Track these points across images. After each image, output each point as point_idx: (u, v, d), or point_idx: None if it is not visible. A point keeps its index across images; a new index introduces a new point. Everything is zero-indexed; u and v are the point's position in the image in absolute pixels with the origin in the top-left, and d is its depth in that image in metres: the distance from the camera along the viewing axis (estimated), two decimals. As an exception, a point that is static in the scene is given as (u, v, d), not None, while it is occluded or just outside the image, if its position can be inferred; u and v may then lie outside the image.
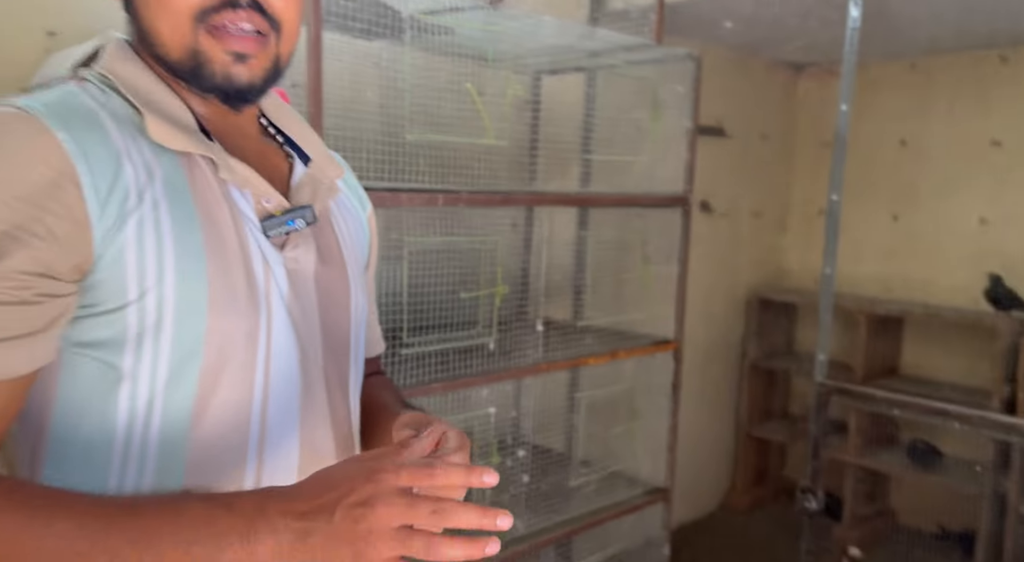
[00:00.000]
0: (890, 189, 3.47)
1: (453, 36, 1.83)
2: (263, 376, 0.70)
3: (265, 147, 0.80)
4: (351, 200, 0.89)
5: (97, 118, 0.66)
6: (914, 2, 2.30)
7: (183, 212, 0.67)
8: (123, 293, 0.64)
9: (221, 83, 0.70)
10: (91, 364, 0.65)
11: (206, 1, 0.68)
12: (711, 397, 3.61)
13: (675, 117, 2.27)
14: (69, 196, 0.61)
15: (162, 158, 0.68)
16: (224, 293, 0.68)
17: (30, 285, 0.60)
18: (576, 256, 2.50)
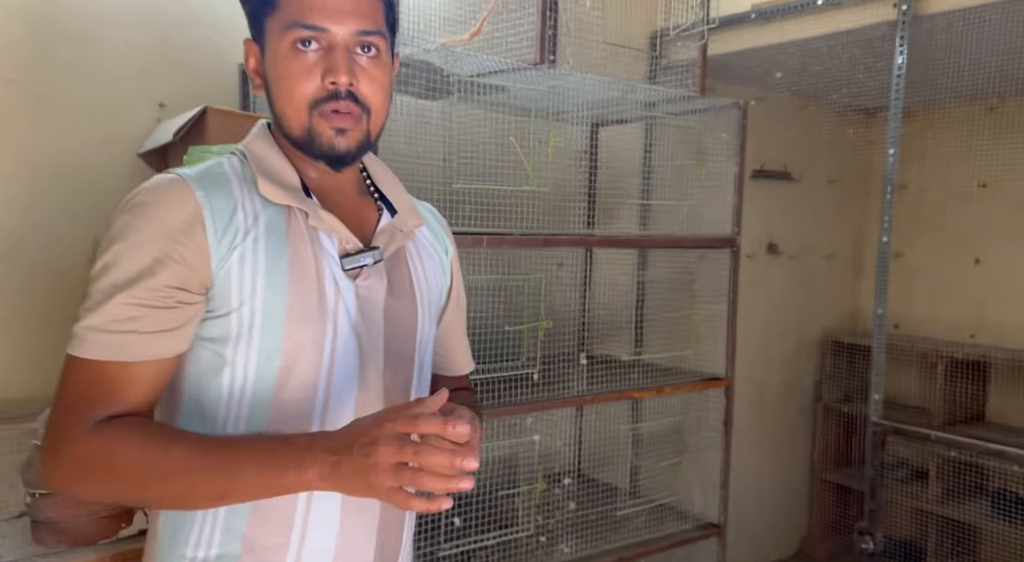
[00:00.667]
0: (971, 232, 3.39)
1: (507, 93, 2.03)
2: (327, 373, 0.93)
3: (361, 201, 1.04)
4: (434, 246, 1.10)
5: (228, 181, 0.93)
6: (957, 49, 2.33)
7: (276, 247, 0.92)
8: (228, 303, 0.89)
9: (327, 151, 0.94)
10: (207, 352, 0.91)
11: (317, 94, 0.92)
12: (785, 439, 3.58)
13: (723, 163, 2.37)
14: (197, 235, 0.88)
15: (268, 208, 0.93)
16: (298, 307, 0.91)
17: (172, 296, 0.87)
18: (629, 294, 2.62)
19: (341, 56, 0.91)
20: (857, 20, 2.35)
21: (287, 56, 0.91)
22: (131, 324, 0.86)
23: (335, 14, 0.91)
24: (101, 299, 0.86)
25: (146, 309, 0.86)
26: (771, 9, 2.52)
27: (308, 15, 0.90)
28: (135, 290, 0.85)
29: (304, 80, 0.91)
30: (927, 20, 2.25)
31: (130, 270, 0.86)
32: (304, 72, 0.91)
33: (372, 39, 0.93)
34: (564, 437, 2.37)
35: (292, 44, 0.91)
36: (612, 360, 2.48)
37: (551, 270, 2.36)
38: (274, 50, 0.93)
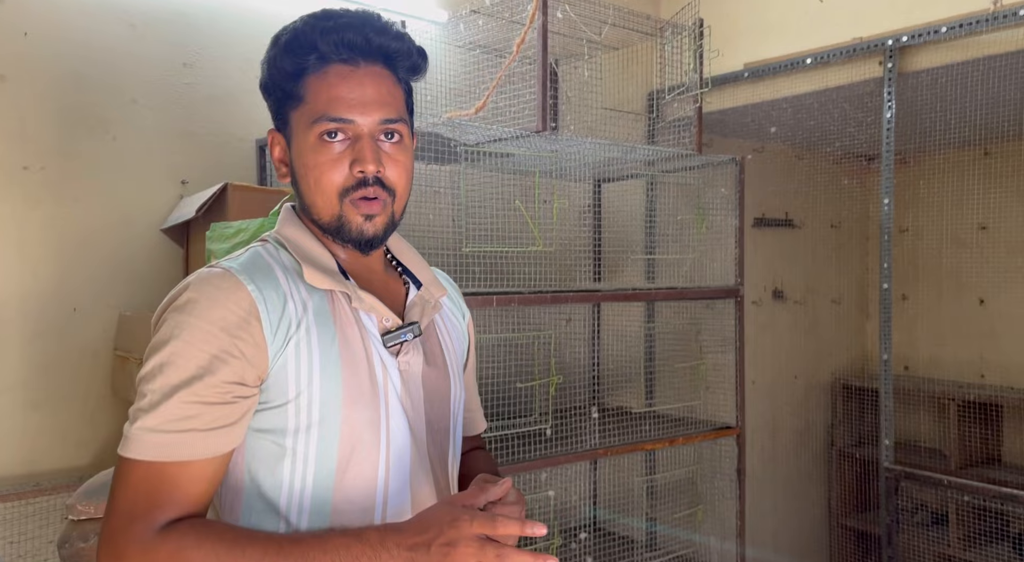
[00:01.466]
0: (973, 274, 3.44)
1: (512, 159, 2.13)
2: (385, 454, 0.95)
3: (388, 277, 1.06)
4: (454, 312, 1.14)
5: (272, 271, 0.95)
6: (944, 101, 2.42)
7: (326, 333, 0.93)
8: (285, 393, 0.90)
9: (356, 237, 0.97)
10: (266, 443, 0.92)
11: (346, 183, 0.95)
12: (800, 485, 3.57)
13: (723, 215, 2.44)
14: (254, 328, 0.89)
15: (314, 294, 0.95)
16: (354, 392, 0.93)
17: (230, 390, 0.87)
18: (637, 346, 2.67)
19: (368, 145, 0.94)
20: (845, 77, 2.45)
21: (315, 148, 0.95)
22: (190, 422, 0.86)
23: (360, 106, 0.94)
24: (158, 399, 0.86)
25: (205, 406, 0.86)
26: (763, 68, 2.63)
27: (336, 108, 0.94)
28: (195, 388, 0.86)
29: (333, 170, 0.95)
30: (912, 77, 2.35)
31: (188, 368, 0.86)
32: (332, 162, 0.94)
33: (395, 126, 0.97)
34: (579, 491, 2.39)
35: (320, 136, 0.94)
36: (624, 412, 2.51)
37: (560, 326, 2.42)
38: (302, 141, 0.96)
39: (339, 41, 0.94)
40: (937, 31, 2.21)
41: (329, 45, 0.94)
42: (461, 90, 2.28)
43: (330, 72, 0.95)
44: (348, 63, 0.95)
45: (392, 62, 0.98)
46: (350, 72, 0.95)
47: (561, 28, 2.09)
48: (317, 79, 0.95)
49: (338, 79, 0.94)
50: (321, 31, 0.94)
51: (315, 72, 0.95)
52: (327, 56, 0.94)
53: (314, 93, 0.95)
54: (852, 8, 2.42)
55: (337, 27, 0.94)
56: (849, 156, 3.49)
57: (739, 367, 2.45)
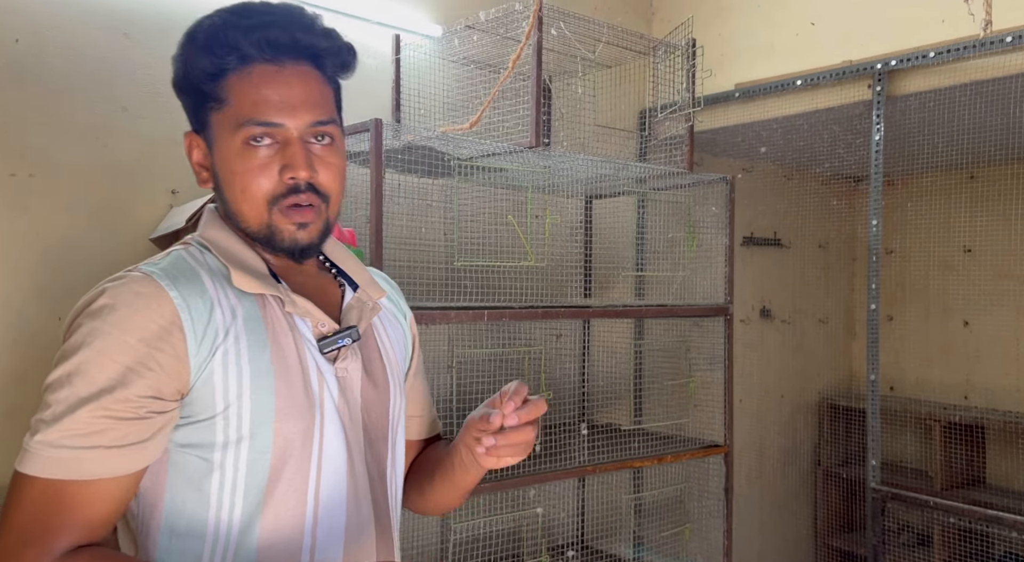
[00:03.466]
0: (958, 296, 3.47)
1: (505, 173, 2.13)
2: (317, 465, 0.90)
3: (322, 280, 1.02)
4: (394, 314, 1.10)
5: (198, 275, 0.89)
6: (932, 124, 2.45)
7: (257, 340, 0.88)
8: (212, 406, 0.85)
9: (289, 246, 0.92)
10: (191, 458, 0.86)
11: (276, 190, 0.90)
12: (786, 504, 3.56)
13: (713, 234, 2.46)
14: (175, 339, 0.83)
15: (243, 300, 0.89)
16: (287, 402, 0.88)
17: (144, 405, 0.81)
18: (627, 363, 2.67)
19: (298, 150, 0.89)
20: (835, 99, 2.48)
21: (241, 153, 0.89)
22: (96, 438, 0.79)
23: (289, 108, 0.89)
24: (62, 411, 0.79)
25: (114, 421, 0.80)
26: (754, 88, 2.65)
27: (262, 112, 0.88)
28: (104, 401, 0.79)
29: (261, 177, 0.89)
30: (900, 100, 2.38)
31: (98, 380, 0.80)
32: (260, 168, 0.89)
33: (327, 128, 0.92)
34: (567, 508, 2.38)
35: (245, 141, 0.88)
36: (613, 429, 2.51)
37: (550, 341, 2.42)
38: (225, 146, 0.90)
39: (263, 40, 0.88)
40: (926, 56, 2.24)
41: (252, 45, 0.87)
42: (455, 104, 2.29)
43: (254, 72, 0.88)
44: (273, 63, 0.89)
45: (320, 60, 0.93)
46: (275, 72, 0.89)
47: (555, 45, 2.11)
48: (240, 80, 0.88)
49: (263, 80, 0.88)
50: (244, 30, 0.87)
51: (237, 72, 0.88)
52: (250, 56, 0.88)
53: (237, 95, 0.88)
54: (842, 31, 2.46)
55: (261, 25, 0.88)
56: (838, 177, 3.52)
57: (727, 385, 2.45)
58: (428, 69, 2.29)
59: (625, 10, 2.91)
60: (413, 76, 2.26)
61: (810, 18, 2.53)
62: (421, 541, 2.09)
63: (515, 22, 1.99)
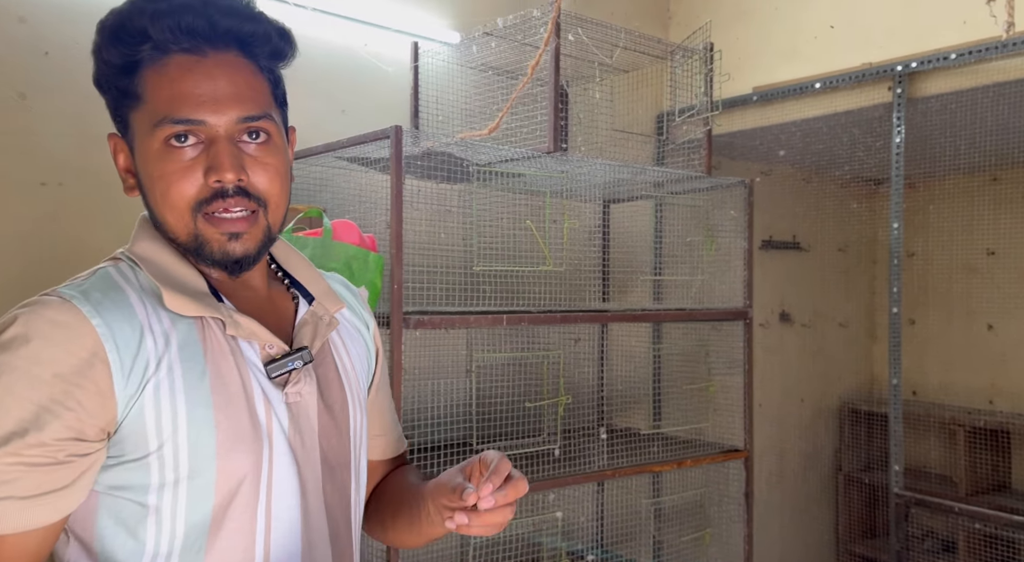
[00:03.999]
0: (982, 299, 3.43)
1: (523, 178, 2.14)
2: (265, 503, 0.81)
3: (273, 292, 0.91)
4: (355, 325, 0.99)
5: (126, 298, 0.78)
6: (953, 126, 2.43)
7: (194, 369, 0.78)
8: (144, 445, 0.75)
9: (220, 258, 0.82)
10: (123, 502, 0.77)
11: (200, 195, 0.79)
12: (807, 510, 3.54)
13: (732, 237, 2.45)
14: (97, 373, 0.73)
15: (179, 324, 0.79)
16: (230, 436, 0.78)
17: (63, 448, 0.72)
18: (645, 367, 2.66)
19: (224, 149, 0.79)
20: (854, 102, 2.46)
21: (160, 155, 0.79)
22: (6, 488, 0.70)
23: (211, 103, 0.79)
24: None
25: (26, 469, 0.71)
26: (772, 91, 2.65)
27: (179, 108, 0.78)
28: (13, 446, 0.70)
29: (183, 180, 0.79)
30: (922, 102, 2.36)
31: (6, 423, 0.70)
32: (182, 171, 0.79)
33: (259, 124, 0.82)
34: (586, 513, 2.38)
35: (164, 141, 0.79)
36: (632, 433, 2.50)
37: (569, 346, 2.42)
38: (144, 148, 0.80)
39: (176, 26, 0.77)
40: (947, 57, 2.22)
41: (164, 31, 0.77)
42: (473, 111, 2.30)
43: (170, 64, 0.79)
44: (192, 53, 0.79)
45: (249, 48, 0.82)
46: (195, 63, 0.79)
47: (573, 51, 2.12)
48: (155, 73, 0.79)
49: (181, 72, 0.79)
50: (152, 15, 0.77)
51: (152, 65, 0.79)
52: (164, 45, 0.78)
53: (153, 90, 0.79)
54: (862, 33, 2.45)
55: (172, 9, 0.77)
56: (857, 180, 3.50)
57: (747, 389, 2.44)
58: (446, 76, 2.31)
59: (642, 15, 2.92)
60: (431, 83, 2.28)
61: (829, 21, 2.52)
62: (440, 544, 2.10)
63: (533, 28, 2.00)
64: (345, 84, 2.18)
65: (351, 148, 1.85)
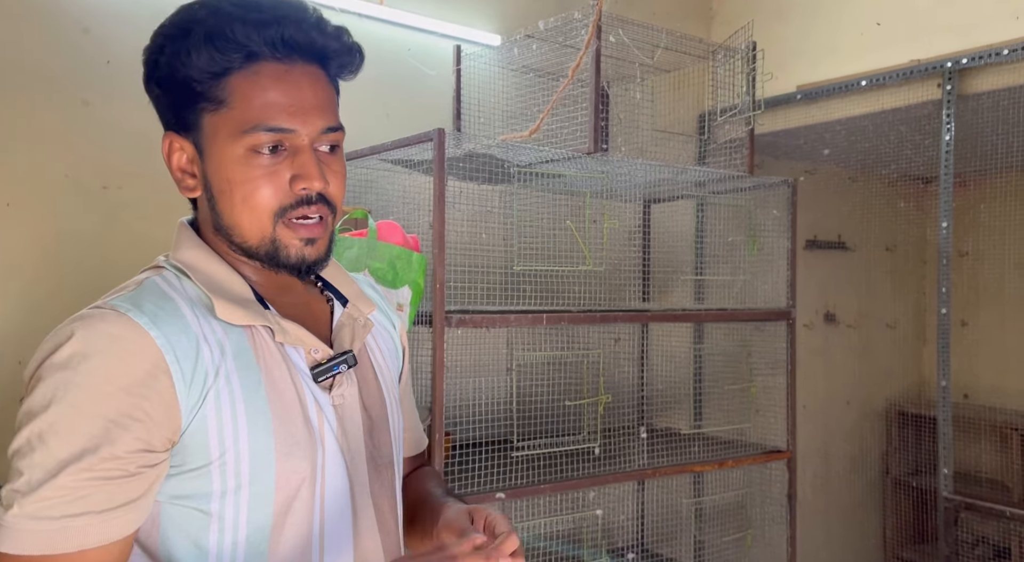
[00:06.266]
0: (1039, 299, 3.33)
1: (563, 179, 2.16)
2: (320, 506, 0.83)
3: (309, 296, 0.93)
4: (385, 326, 1.02)
5: (178, 309, 0.79)
6: (1006, 123, 2.37)
7: (250, 377, 0.80)
8: (207, 454, 0.77)
9: (295, 263, 0.84)
10: (186, 510, 0.78)
11: (284, 201, 0.81)
12: (853, 514, 3.48)
13: (775, 237, 2.43)
14: (161, 384, 0.74)
15: (230, 333, 0.81)
16: (287, 442, 0.80)
17: (134, 460, 0.72)
18: (686, 367, 2.66)
19: (311, 159, 0.81)
20: (902, 100, 2.42)
21: (246, 160, 0.80)
22: (83, 504, 0.71)
23: (301, 113, 0.81)
24: (41, 478, 0.70)
25: (101, 483, 0.71)
26: (816, 90, 2.62)
27: (273, 117, 0.80)
28: (87, 461, 0.71)
29: (268, 186, 0.81)
30: (972, 99, 2.31)
31: (77, 439, 0.71)
32: (268, 177, 0.81)
33: (337, 135, 0.85)
34: (626, 511, 2.39)
35: (251, 148, 0.80)
36: (672, 433, 2.50)
37: (609, 345, 2.43)
38: (225, 152, 0.80)
39: (279, 38, 0.79)
40: (999, 53, 2.17)
41: (266, 43, 0.79)
42: (514, 112, 2.33)
43: (262, 73, 0.80)
44: (283, 62, 0.80)
45: (326, 61, 0.84)
46: (285, 73, 0.80)
47: (614, 52, 2.13)
48: (246, 80, 0.79)
49: (272, 81, 0.80)
50: (256, 25, 0.78)
51: (242, 71, 0.79)
52: (257, 54, 0.79)
53: (242, 97, 0.79)
54: (909, 30, 2.41)
55: (275, 20, 0.79)
56: (905, 178, 3.43)
57: (790, 390, 2.42)
58: (488, 78, 2.34)
59: (684, 15, 2.91)
60: (473, 85, 2.32)
61: (875, 18, 2.48)
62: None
63: (574, 30, 2.02)
64: (389, 88, 2.23)
65: (395, 151, 1.90)
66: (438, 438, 1.73)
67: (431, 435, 1.73)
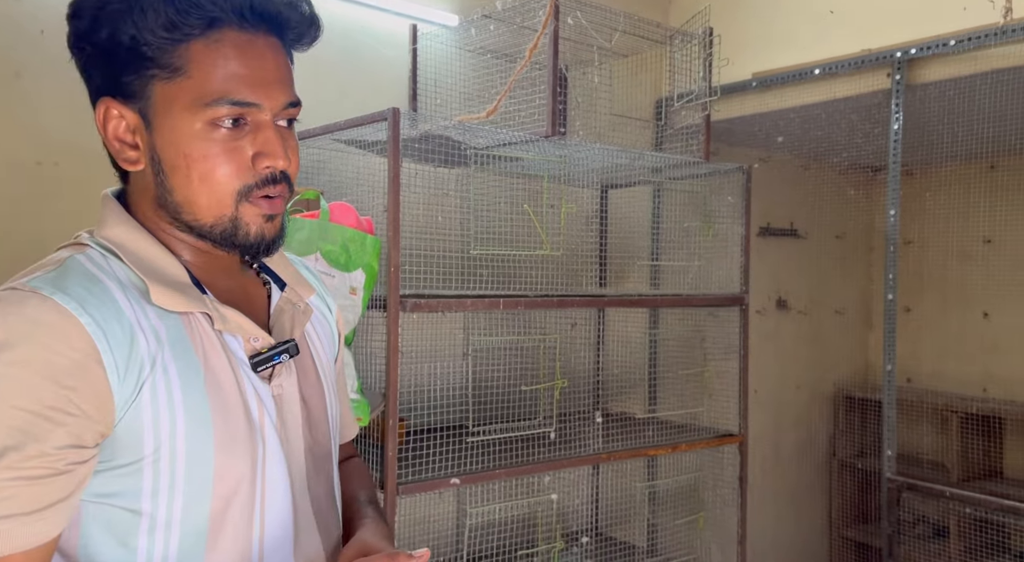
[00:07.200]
0: (977, 287, 3.44)
1: (521, 162, 2.14)
2: (260, 504, 0.78)
3: (245, 279, 0.87)
4: (321, 310, 0.97)
5: (108, 292, 0.72)
6: (951, 114, 2.43)
7: (188, 368, 0.74)
8: (139, 449, 0.71)
9: (255, 242, 0.79)
10: (113, 510, 0.72)
11: (248, 180, 0.77)
12: (801, 495, 3.56)
13: (730, 223, 2.46)
14: (93, 375, 0.68)
15: (165, 319, 0.75)
16: (227, 437, 0.75)
17: (63, 457, 0.67)
18: (642, 352, 2.68)
19: (275, 136, 0.77)
20: (853, 89, 2.46)
21: (204, 135, 0.75)
22: (8, 506, 0.65)
23: (265, 86, 0.76)
24: None
25: (27, 482, 0.66)
26: (771, 78, 2.64)
27: (237, 89, 0.75)
28: (12, 459, 0.65)
29: (229, 164, 0.76)
30: (920, 89, 2.36)
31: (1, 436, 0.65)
32: (229, 154, 0.76)
33: (296, 110, 0.81)
34: (581, 495, 2.40)
35: (211, 121, 0.75)
36: (627, 417, 2.52)
37: (565, 330, 2.43)
38: (180, 125, 0.75)
39: (246, 5, 0.74)
40: (946, 44, 2.22)
41: (232, 9, 0.74)
42: (471, 94, 2.30)
43: (224, 41, 0.74)
44: (246, 31, 0.75)
45: (283, 32, 0.80)
46: (248, 43, 0.75)
47: (572, 34, 2.11)
48: (207, 48, 0.74)
49: (236, 51, 0.75)
50: None
51: (203, 38, 0.74)
52: (222, 20, 0.74)
53: (203, 66, 0.74)
54: (861, 20, 2.44)
55: None
56: (855, 167, 3.50)
57: (743, 375, 2.45)
58: (445, 59, 2.30)
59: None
60: (430, 66, 2.28)
61: (829, 6, 2.51)
62: (437, 525, 2.12)
63: (532, 11, 1.99)
64: (343, 66, 2.18)
65: (349, 130, 1.85)
66: (392, 424, 1.70)
67: (385, 421, 1.70)
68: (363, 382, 1.75)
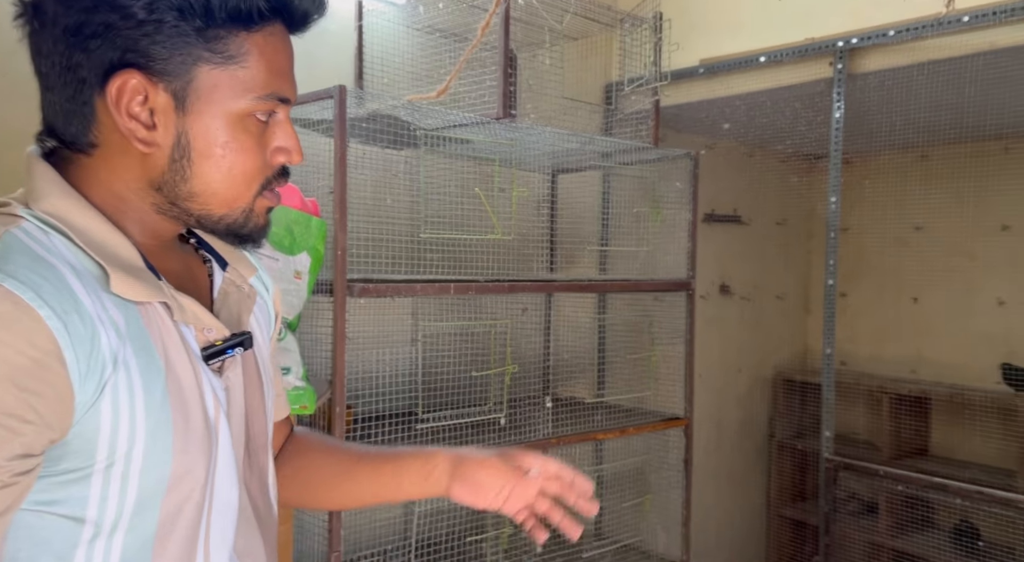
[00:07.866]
0: (909, 273, 3.57)
1: (471, 145, 2.11)
2: (207, 508, 0.74)
3: (187, 258, 0.82)
4: (260, 292, 0.92)
5: (63, 278, 0.64)
6: (889, 103, 2.50)
7: (150, 366, 0.68)
8: (91, 456, 0.65)
9: (257, 234, 0.79)
10: (50, 518, 0.65)
11: (268, 173, 0.76)
12: (742, 476, 3.65)
13: (677, 209, 2.48)
14: (54, 375, 0.60)
15: (124, 310, 0.68)
16: (186, 437, 0.70)
17: (9, 468, 0.59)
18: (590, 337, 2.69)
19: (294, 132, 0.77)
20: (797, 77, 2.50)
21: (241, 126, 0.73)
22: None
23: (293, 82, 0.77)
24: None
25: None
26: (718, 65, 2.66)
27: (283, 85, 0.75)
28: None
29: (258, 157, 0.75)
30: (860, 78, 2.41)
31: None
32: (259, 148, 0.75)
33: None
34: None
35: (251, 114, 0.73)
36: (576, 402, 2.53)
37: (516, 315, 2.42)
38: (217, 112, 0.71)
39: None
40: (886, 34, 2.27)
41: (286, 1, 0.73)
42: (419, 74, 2.25)
43: (276, 34, 0.74)
44: (282, 25, 0.75)
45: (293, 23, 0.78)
46: (285, 37, 0.76)
47: (522, 15, 2.08)
48: (264, 40, 0.72)
49: (282, 45, 0.75)
50: None
51: (258, 30, 0.72)
52: (278, 11, 0.73)
53: (259, 58, 0.72)
54: (805, 8, 2.48)
55: None
56: (797, 155, 3.58)
57: (688, 359, 2.49)
58: (392, 37, 2.25)
59: (592, -18, 2.89)
60: (376, 44, 2.22)
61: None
62: (385, 512, 2.09)
63: (482, -10, 1.95)
64: (286, 42, 2.10)
65: (292, 108, 1.78)
66: (339, 412, 1.66)
67: (332, 409, 1.66)
68: (309, 369, 1.70)
